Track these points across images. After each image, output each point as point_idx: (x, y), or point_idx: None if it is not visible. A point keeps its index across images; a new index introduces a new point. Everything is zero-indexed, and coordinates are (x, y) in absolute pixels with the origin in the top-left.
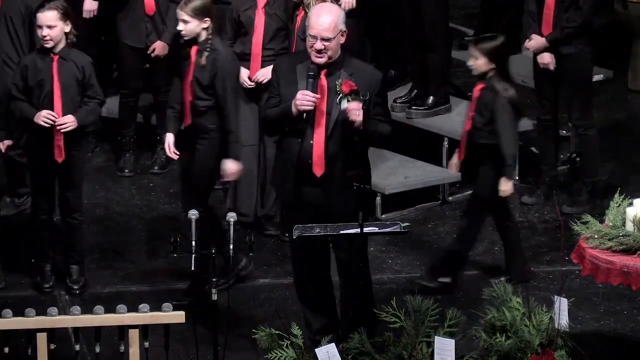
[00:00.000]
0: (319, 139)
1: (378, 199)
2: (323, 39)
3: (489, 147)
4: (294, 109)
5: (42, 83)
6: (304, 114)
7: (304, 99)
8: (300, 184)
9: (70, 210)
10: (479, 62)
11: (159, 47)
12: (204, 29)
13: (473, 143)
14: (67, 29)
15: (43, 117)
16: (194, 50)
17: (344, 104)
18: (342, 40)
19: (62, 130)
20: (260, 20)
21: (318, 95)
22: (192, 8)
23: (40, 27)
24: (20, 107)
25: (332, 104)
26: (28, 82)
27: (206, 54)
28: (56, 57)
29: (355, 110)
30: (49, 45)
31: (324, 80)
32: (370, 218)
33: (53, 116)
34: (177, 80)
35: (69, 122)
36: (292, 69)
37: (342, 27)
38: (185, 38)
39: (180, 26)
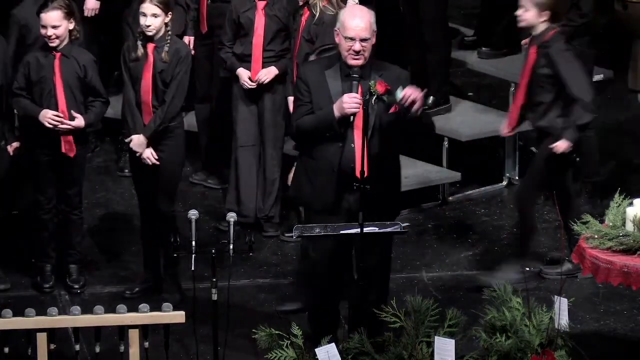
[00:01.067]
0: (360, 142)
1: None
2: (362, 40)
3: None
4: (337, 113)
5: (43, 80)
6: (351, 117)
7: (352, 101)
8: (340, 190)
9: (71, 207)
10: None
11: None
12: (166, 23)
13: None
14: (71, 26)
15: (49, 118)
16: (150, 48)
17: (399, 93)
18: (374, 41)
19: (63, 129)
20: (260, 22)
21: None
22: (160, 0)
23: (45, 27)
24: (22, 104)
25: (369, 106)
26: (30, 78)
27: (166, 48)
28: (58, 55)
29: (413, 93)
30: (54, 44)
31: None
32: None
33: (60, 117)
34: (129, 91)
35: (72, 125)
36: (321, 75)
37: (375, 26)
38: (150, 34)
39: (149, 21)
